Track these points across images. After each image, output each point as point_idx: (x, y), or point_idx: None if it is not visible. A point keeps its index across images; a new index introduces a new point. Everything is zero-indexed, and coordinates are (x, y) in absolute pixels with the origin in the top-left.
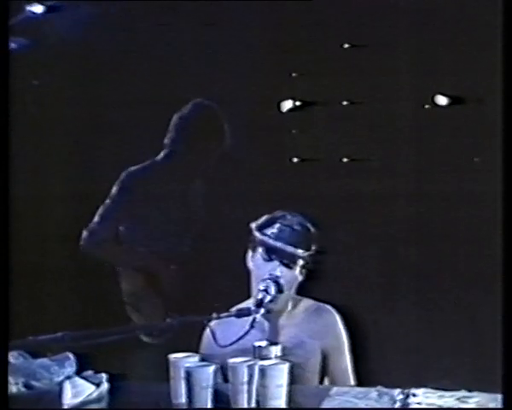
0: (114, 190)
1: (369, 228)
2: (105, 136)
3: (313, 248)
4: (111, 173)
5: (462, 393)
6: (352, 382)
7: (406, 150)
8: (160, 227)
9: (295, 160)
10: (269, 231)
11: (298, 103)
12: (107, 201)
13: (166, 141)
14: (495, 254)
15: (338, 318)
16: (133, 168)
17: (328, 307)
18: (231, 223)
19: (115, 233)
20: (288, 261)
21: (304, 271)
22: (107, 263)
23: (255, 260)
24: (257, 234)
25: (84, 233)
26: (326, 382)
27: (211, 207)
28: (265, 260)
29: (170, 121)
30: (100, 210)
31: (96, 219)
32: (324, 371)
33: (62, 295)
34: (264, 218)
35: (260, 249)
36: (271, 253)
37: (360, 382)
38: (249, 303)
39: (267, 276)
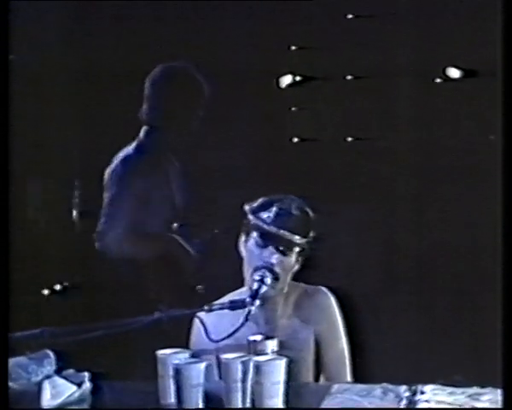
0: (109, 182)
1: (372, 212)
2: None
3: (311, 234)
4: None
5: (475, 390)
6: (349, 371)
7: (414, 128)
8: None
9: (295, 139)
10: (264, 215)
11: (298, 78)
12: (106, 196)
13: (143, 115)
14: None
15: (332, 299)
16: (122, 155)
17: (323, 288)
18: (224, 205)
19: (127, 224)
20: (284, 248)
21: (300, 258)
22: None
23: (248, 246)
24: (251, 217)
25: (96, 237)
26: (322, 379)
27: (201, 188)
28: (260, 245)
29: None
30: (103, 209)
31: (103, 219)
32: (318, 361)
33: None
34: (259, 200)
35: (254, 234)
36: (266, 238)
37: (360, 377)
38: (243, 293)
39: (261, 263)
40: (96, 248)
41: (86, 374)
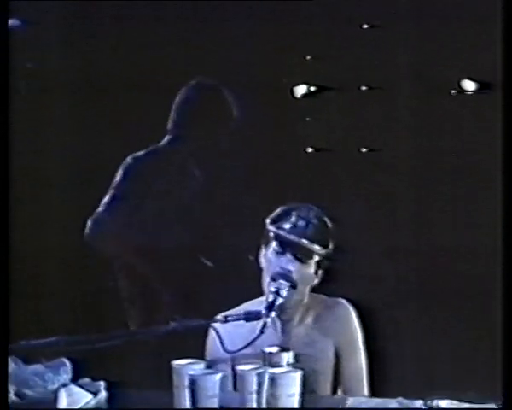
0: (118, 176)
1: (389, 224)
2: (106, 123)
3: (331, 245)
4: (112, 161)
5: (492, 406)
6: (366, 385)
7: (430, 140)
8: (162, 219)
9: (310, 150)
10: (283, 225)
11: (312, 89)
12: (112, 189)
13: (169, 126)
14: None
15: (352, 312)
16: (137, 154)
17: (342, 300)
18: (240, 217)
19: (121, 223)
20: (303, 256)
21: (320, 271)
22: (110, 257)
23: (267, 255)
24: (271, 227)
25: (89, 222)
26: (339, 392)
27: (218, 197)
28: (278, 253)
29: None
30: (105, 199)
31: (102, 208)
32: (337, 374)
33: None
34: (278, 210)
35: (274, 243)
36: (285, 246)
37: (377, 391)
38: (258, 303)
39: (278, 270)
40: (85, 235)
41: (102, 383)
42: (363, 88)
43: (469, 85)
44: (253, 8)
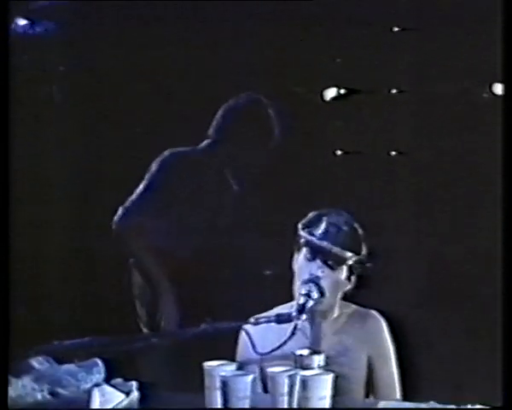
0: (154, 168)
1: (420, 229)
2: (107, 123)
3: (363, 252)
4: (113, 162)
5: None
6: (398, 394)
7: (461, 143)
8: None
9: (339, 152)
10: (315, 231)
11: (342, 91)
12: (146, 180)
13: (211, 131)
14: None
15: (384, 324)
16: (177, 149)
17: (374, 312)
18: (270, 221)
19: (150, 217)
20: (333, 263)
21: (353, 277)
22: (133, 253)
23: (298, 261)
24: (302, 233)
25: (120, 211)
26: (371, 398)
27: (249, 204)
28: (308, 259)
29: (212, 115)
30: (139, 189)
31: (134, 197)
32: (369, 382)
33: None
34: (309, 215)
35: (305, 250)
36: (315, 252)
37: (408, 396)
38: (289, 307)
39: (307, 276)
40: (113, 223)
41: (134, 383)
42: (394, 91)
43: (499, 90)
44: (281, 8)
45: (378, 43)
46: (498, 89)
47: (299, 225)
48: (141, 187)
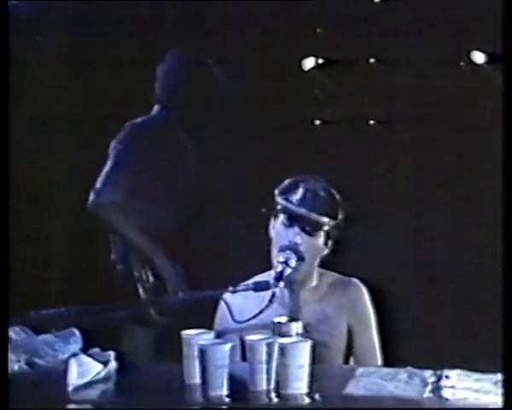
0: (117, 145)
1: (398, 196)
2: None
3: (339, 217)
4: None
5: (500, 376)
6: (379, 361)
7: (439, 112)
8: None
9: (317, 122)
10: (292, 197)
11: (321, 61)
12: (112, 158)
13: (156, 94)
14: None
15: (365, 291)
16: (137, 120)
17: (355, 280)
18: (248, 188)
19: (124, 194)
20: (310, 229)
21: (330, 242)
22: (111, 230)
23: (276, 228)
24: (279, 200)
25: (92, 195)
26: (351, 362)
27: (227, 171)
28: (286, 226)
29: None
30: (106, 168)
31: (103, 178)
32: (349, 350)
33: (65, 267)
34: (286, 182)
35: (282, 216)
36: (293, 219)
37: (388, 362)
38: (267, 276)
39: (286, 243)
40: (89, 204)
41: (112, 353)
42: (372, 61)
43: (480, 58)
44: None
45: (357, 15)
46: (477, 57)
47: (276, 192)
48: (107, 167)
